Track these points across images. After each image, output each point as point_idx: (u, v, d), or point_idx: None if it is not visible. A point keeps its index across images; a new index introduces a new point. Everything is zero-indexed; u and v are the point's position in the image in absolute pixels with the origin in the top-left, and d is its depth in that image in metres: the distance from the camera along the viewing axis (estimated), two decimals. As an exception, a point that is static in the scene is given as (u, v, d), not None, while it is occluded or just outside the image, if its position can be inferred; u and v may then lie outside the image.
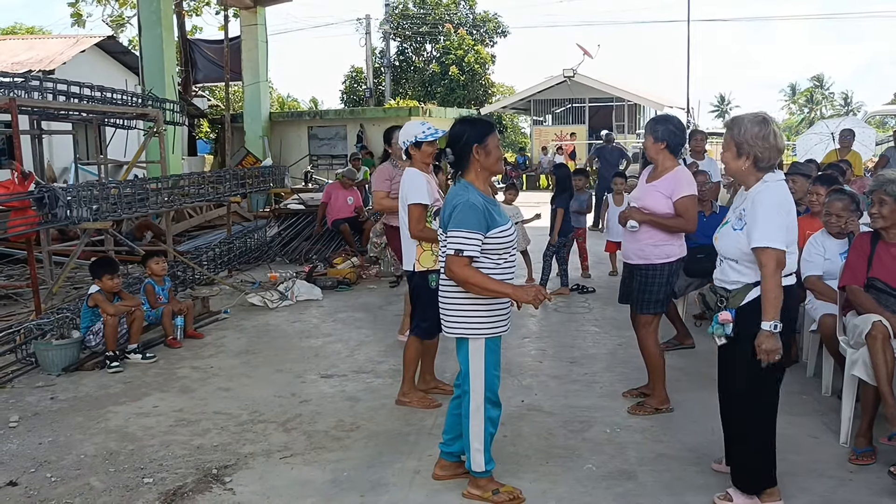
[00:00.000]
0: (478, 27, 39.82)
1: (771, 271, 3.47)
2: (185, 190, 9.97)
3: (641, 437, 4.71)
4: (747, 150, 3.58)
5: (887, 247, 4.62)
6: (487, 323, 3.77)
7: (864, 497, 3.88)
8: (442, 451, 4.15)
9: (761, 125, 3.59)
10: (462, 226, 3.62)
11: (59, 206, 7.37)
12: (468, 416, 3.82)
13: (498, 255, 3.74)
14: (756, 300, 3.56)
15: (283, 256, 11.74)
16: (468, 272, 3.63)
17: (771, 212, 3.52)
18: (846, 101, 69.84)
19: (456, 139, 3.84)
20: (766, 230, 3.48)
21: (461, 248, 3.62)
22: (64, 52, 20.63)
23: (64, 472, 4.33)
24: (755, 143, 3.56)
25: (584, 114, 28.36)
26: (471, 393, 3.81)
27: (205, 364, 6.46)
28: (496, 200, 4.01)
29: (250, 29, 20.60)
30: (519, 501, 3.87)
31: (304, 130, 22.43)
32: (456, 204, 3.69)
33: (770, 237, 3.47)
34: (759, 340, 3.49)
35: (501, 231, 3.73)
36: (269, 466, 4.37)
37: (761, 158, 3.58)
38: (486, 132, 3.83)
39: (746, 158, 3.60)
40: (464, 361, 3.83)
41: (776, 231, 3.48)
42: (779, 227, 3.49)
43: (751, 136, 3.57)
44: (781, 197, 3.58)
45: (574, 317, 7.96)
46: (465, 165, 3.84)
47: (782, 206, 3.55)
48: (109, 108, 10.82)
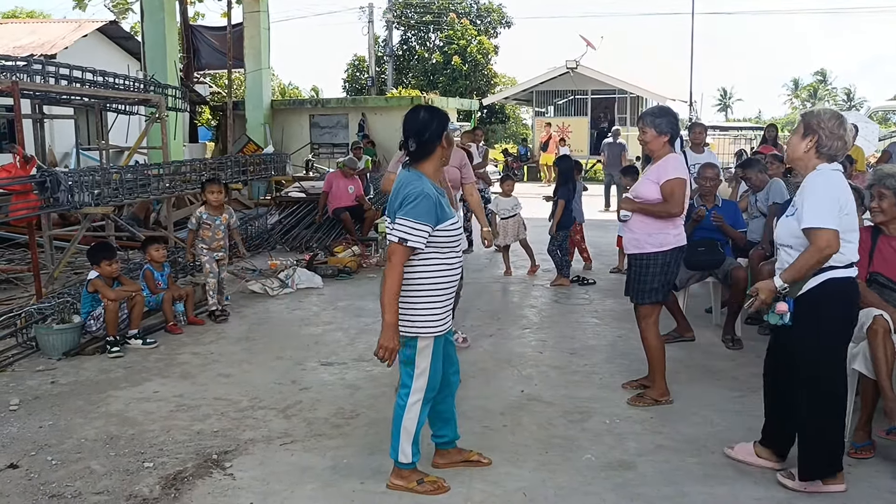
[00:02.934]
0: (481, 17, 39.70)
1: (817, 248, 3.52)
2: (187, 176, 9.96)
3: (641, 427, 4.72)
4: (815, 130, 3.67)
5: (888, 241, 4.63)
6: (437, 321, 3.75)
7: (863, 490, 3.89)
8: (435, 443, 4.17)
9: (838, 118, 3.70)
10: (412, 216, 3.57)
11: (61, 190, 7.38)
12: (404, 408, 3.80)
13: (446, 248, 3.73)
14: (813, 289, 3.63)
15: (284, 244, 11.73)
16: (398, 272, 3.58)
17: (820, 193, 3.58)
18: (849, 96, 69.72)
19: (423, 129, 3.72)
20: (817, 211, 3.54)
21: (406, 238, 3.57)
22: (66, 36, 20.55)
23: (64, 455, 4.34)
24: (824, 127, 3.65)
25: (587, 105, 28.26)
26: (412, 388, 3.79)
27: (205, 350, 6.46)
28: (444, 192, 3.95)
29: (253, 16, 20.52)
30: (443, 490, 3.88)
31: (306, 118, 22.37)
32: (409, 192, 3.61)
33: (821, 218, 3.52)
34: (759, 285, 3.67)
35: (451, 224, 3.72)
36: (269, 452, 4.38)
37: (824, 144, 3.66)
38: (446, 121, 3.82)
39: (811, 140, 3.68)
40: (410, 357, 3.78)
41: (827, 212, 3.52)
42: (830, 208, 3.53)
43: (823, 120, 3.67)
44: (834, 182, 3.63)
45: (574, 308, 7.97)
46: (426, 155, 3.75)
47: (833, 190, 3.59)
48: (111, 93, 10.81)
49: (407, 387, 3.80)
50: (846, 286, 3.68)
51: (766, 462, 4.13)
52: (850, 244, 3.65)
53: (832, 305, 3.69)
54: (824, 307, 3.67)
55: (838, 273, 3.65)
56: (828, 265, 3.61)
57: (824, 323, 3.69)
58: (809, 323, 3.66)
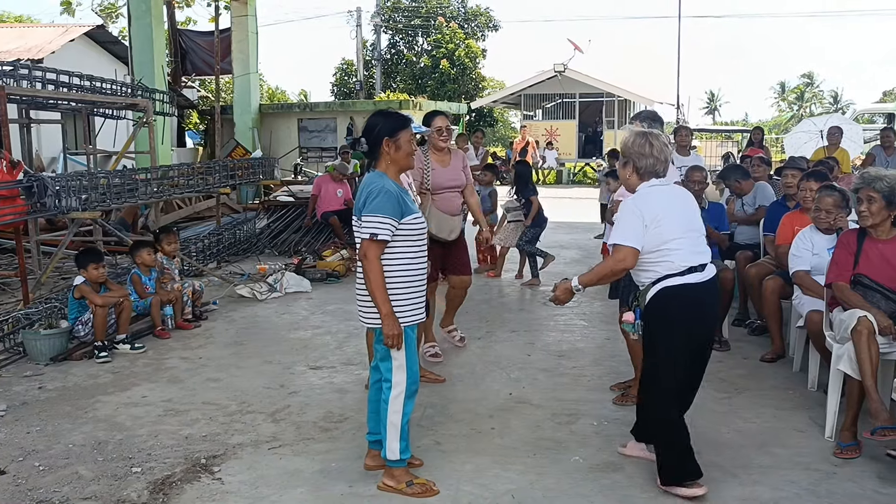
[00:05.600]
0: (469, 21, 39.76)
1: (614, 260, 3.87)
2: (175, 181, 9.94)
3: (628, 429, 4.71)
4: (627, 157, 4.00)
5: (874, 243, 4.67)
6: (408, 312, 3.83)
7: (848, 490, 3.92)
8: (369, 441, 4.16)
9: (642, 136, 3.97)
10: (376, 211, 3.69)
11: (48, 195, 7.35)
12: (387, 403, 3.83)
13: (412, 241, 3.83)
14: (650, 300, 3.87)
15: (273, 248, 11.72)
16: (377, 266, 3.71)
17: (626, 214, 3.89)
18: (835, 98, 70.07)
19: (369, 130, 3.91)
20: (619, 230, 3.88)
21: (375, 233, 3.69)
22: (53, 41, 20.44)
23: (52, 460, 4.33)
24: (634, 151, 3.96)
25: (575, 109, 28.35)
26: (393, 382, 3.82)
27: (194, 354, 6.45)
28: (408, 190, 4.15)
29: (241, 20, 20.48)
30: (432, 493, 3.89)
31: (294, 123, 22.35)
32: (371, 190, 3.76)
33: (621, 236, 3.83)
34: (558, 284, 4.07)
35: (415, 218, 3.83)
36: (257, 456, 4.38)
37: (639, 165, 3.95)
38: (398, 127, 3.88)
39: (629, 167, 4.00)
40: (384, 351, 3.83)
41: (630, 231, 3.81)
42: (633, 227, 3.81)
43: (630, 146, 3.97)
44: (641, 201, 3.88)
45: (562, 311, 7.98)
46: (376, 157, 3.90)
47: (638, 209, 3.84)
48: (99, 98, 10.78)
49: (388, 381, 3.84)
50: (682, 291, 3.81)
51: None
52: (678, 251, 3.81)
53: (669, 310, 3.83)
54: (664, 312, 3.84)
55: (673, 281, 3.81)
56: (662, 274, 3.82)
57: (662, 326, 3.85)
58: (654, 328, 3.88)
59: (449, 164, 6.02)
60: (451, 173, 6.01)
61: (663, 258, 3.81)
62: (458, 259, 6.17)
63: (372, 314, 3.83)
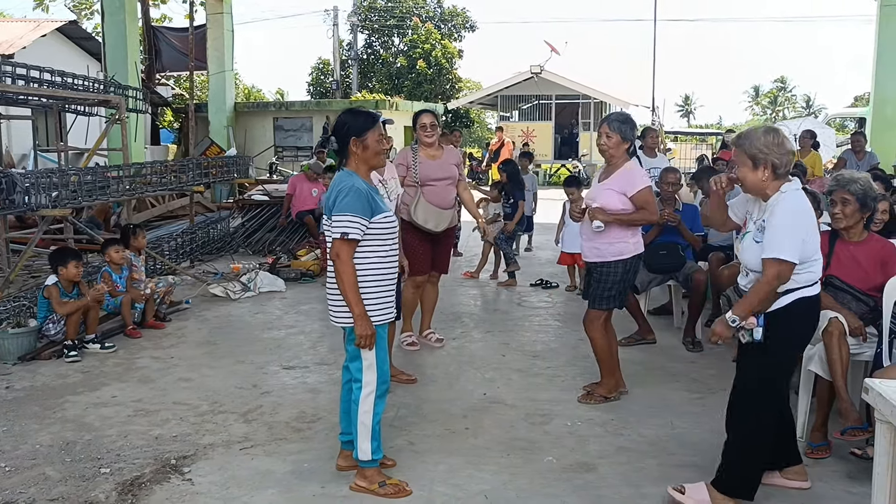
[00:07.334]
0: (445, 21, 39.76)
1: (768, 279, 3.47)
2: (147, 178, 9.83)
3: (602, 430, 4.75)
4: (763, 159, 3.54)
5: (845, 245, 4.71)
6: (378, 311, 3.82)
7: (819, 489, 3.95)
8: (342, 441, 4.14)
9: (773, 134, 3.60)
10: (346, 210, 3.68)
11: (17, 192, 7.23)
12: (358, 404, 3.82)
13: (383, 240, 3.83)
14: (781, 308, 3.57)
15: (247, 247, 11.64)
16: (349, 266, 3.70)
17: (786, 221, 3.50)
18: (808, 103, 70.94)
19: (337, 129, 3.90)
20: (779, 241, 3.47)
21: (346, 232, 3.68)
22: (24, 35, 20.20)
23: (18, 461, 4.26)
24: (770, 151, 3.54)
25: (551, 110, 28.41)
26: (363, 382, 3.81)
27: (165, 354, 6.38)
28: (378, 189, 4.13)
29: (216, 17, 20.33)
30: (405, 493, 3.88)
31: (270, 121, 22.25)
32: (340, 189, 3.75)
33: (780, 249, 3.46)
34: (714, 324, 3.61)
35: (385, 217, 3.82)
36: (228, 457, 4.34)
37: (779, 165, 3.55)
38: (366, 127, 3.86)
39: (764, 168, 3.56)
40: (354, 351, 3.82)
41: (789, 243, 3.46)
42: (793, 238, 3.47)
43: (764, 146, 3.55)
44: (799, 206, 3.56)
45: (537, 311, 8.00)
46: (345, 156, 3.89)
47: (798, 216, 3.54)
48: (70, 94, 10.61)
49: (358, 381, 3.82)
50: (815, 301, 3.65)
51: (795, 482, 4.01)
52: (817, 262, 3.62)
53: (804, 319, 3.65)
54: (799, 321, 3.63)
55: (810, 291, 3.61)
56: (796, 286, 3.56)
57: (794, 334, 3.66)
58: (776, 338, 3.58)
59: (440, 158, 6.19)
60: (440, 166, 6.16)
61: (807, 269, 3.58)
62: (443, 257, 6.43)
63: (343, 314, 3.81)
